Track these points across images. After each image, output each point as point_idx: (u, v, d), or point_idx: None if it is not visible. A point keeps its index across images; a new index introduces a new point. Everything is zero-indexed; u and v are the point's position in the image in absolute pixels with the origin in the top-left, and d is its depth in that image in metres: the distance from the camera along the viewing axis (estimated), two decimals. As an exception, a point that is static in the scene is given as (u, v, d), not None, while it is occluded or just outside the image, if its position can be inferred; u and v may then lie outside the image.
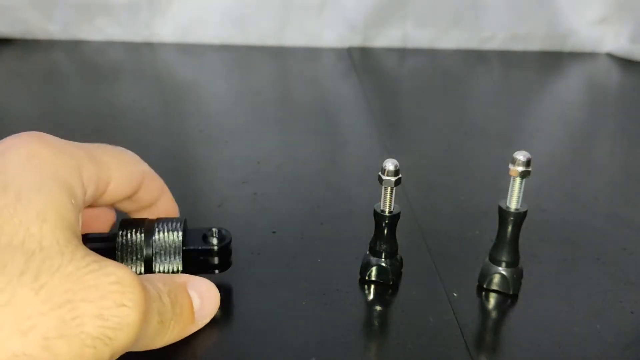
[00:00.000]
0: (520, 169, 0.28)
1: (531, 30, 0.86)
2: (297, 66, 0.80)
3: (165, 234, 0.28)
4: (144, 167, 0.29)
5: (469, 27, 0.85)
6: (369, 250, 0.31)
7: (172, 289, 0.23)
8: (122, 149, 0.28)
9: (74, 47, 0.81)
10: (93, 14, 0.82)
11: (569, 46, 0.87)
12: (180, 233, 0.28)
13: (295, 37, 0.84)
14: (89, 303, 0.19)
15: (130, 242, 0.27)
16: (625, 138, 0.57)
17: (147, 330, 0.21)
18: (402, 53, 0.85)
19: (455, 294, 0.30)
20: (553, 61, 0.85)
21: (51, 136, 0.23)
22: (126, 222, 0.28)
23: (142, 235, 0.27)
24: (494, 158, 0.49)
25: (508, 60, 0.84)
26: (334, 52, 0.83)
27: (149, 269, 0.27)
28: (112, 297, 0.19)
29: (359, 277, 0.32)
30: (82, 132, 0.52)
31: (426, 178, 0.45)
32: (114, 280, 0.20)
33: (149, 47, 0.82)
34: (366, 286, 0.31)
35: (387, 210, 0.30)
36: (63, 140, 0.24)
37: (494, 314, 0.30)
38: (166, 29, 0.83)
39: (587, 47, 0.87)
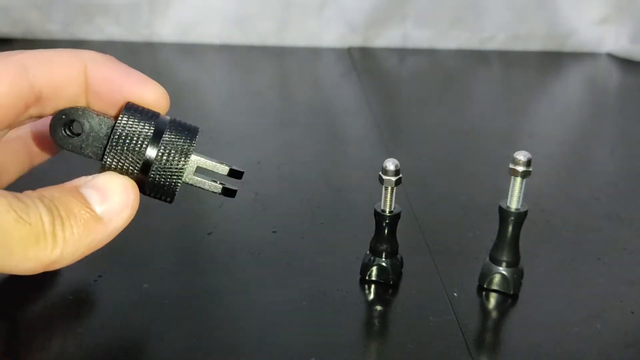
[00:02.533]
0: (521, 168, 0.28)
1: (531, 30, 0.86)
2: (298, 66, 0.80)
3: (179, 124, 0.24)
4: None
5: (469, 27, 0.85)
6: (369, 250, 0.31)
7: (46, 193, 0.21)
8: None
9: (74, 46, 0.81)
10: (93, 13, 0.82)
11: (569, 46, 0.87)
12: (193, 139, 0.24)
13: (295, 37, 0.84)
14: None
15: (131, 133, 0.23)
16: (625, 138, 0.57)
17: (3, 230, 0.18)
18: (402, 53, 0.85)
19: (455, 294, 0.30)
20: (553, 61, 0.85)
21: None
22: (133, 107, 0.23)
23: (151, 128, 0.23)
24: (494, 158, 0.49)
25: (508, 60, 0.84)
26: (334, 52, 0.83)
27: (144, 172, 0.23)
28: None
29: (359, 277, 0.32)
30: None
31: (426, 178, 0.45)
32: None
33: (149, 47, 0.82)
34: (366, 286, 0.31)
35: (387, 210, 0.30)
36: None
37: (494, 314, 0.30)
38: (166, 29, 0.83)
39: (587, 47, 0.87)
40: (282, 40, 0.85)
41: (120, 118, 0.23)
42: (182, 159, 0.24)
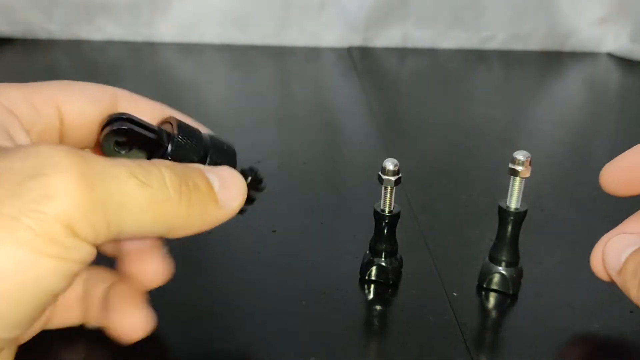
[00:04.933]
0: (520, 168, 0.28)
1: (531, 30, 0.86)
2: (298, 66, 0.80)
3: (219, 145, 0.25)
4: (112, 88, 0.26)
5: (469, 27, 0.85)
6: (369, 250, 0.31)
7: (178, 166, 0.21)
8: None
9: (74, 46, 0.81)
10: (94, 13, 0.82)
11: (569, 46, 0.87)
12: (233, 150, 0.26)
13: (295, 37, 0.84)
14: None
15: (186, 144, 0.24)
16: (626, 138, 0.57)
17: (127, 197, 0.19)
18: (403, 53, 0.85)
19: (455, 294, 0.30)
20: (553, 61, 0.85)
21: None
22: (180, 122, 0.24)
23: (195, 140, 0.24)
24: (494, 158, 0.49)
25: (508, 60, 0.84)
26: (334, 52, 0.83)
27: None
28: (25, 172, 0.17)
29: (359, 276, 0.32)
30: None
31: (426, 178, 0.45)
32: (25, 156, 0.17)
33: (150, 47, 0.82)
34: (366, 286, 0.31)
35: (387, 209, 0.30)
36: None
37: (493, 314, 0.30)
38: (167, 29, 0.83)
39: (588, 47, 0.87)
40: (282, 40, 0.85)
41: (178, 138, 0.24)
42: None
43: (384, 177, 0.29)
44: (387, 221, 0.30)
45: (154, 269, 0.25)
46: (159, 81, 0.71)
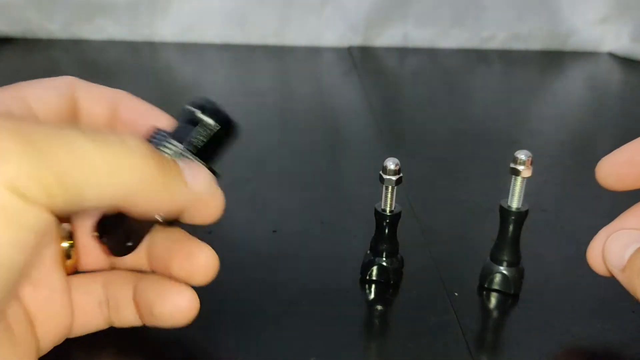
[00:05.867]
0: (522, 168, 0.28)
1: (532, 29, 0.86)
2: (298, 66, 0.80)
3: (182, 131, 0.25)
4: (66, 77, 0.26)
5: (469, 26, 0.85)
6: (370, 250, 0.31)
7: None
8: None
9: (74, 46, 0.81)
10: (94, 13, 0.82)
11: (570, 46, 0.87)
12: (174, 144, 0.25)
13: (296, 36, 0.84)
14: None
15: None
16: (627, 137, 0.57)
17: (80, 156, 0.18)
18: (403, 52, 0.85)
19: (456, 294, 0.30)
20: (554, 61, 0.85)
21: None
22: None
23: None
24: (495, 158, 0.49)
25: (509, 59, 0.84)
26: (334, 52, 0.83)
27: None
28: None
29: (359, 276, 0.31)
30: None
31: (427, 177, 0.45)
32: None
33: (150, 46, 0.82)
34: (366, 286, 0.31)
35: (387, 209, 0.30)
36: None
37: (495, 314, 0.30)
38: (167, 28, 0.83)
39: (588, 46, 0.87)
40: (282, 40, 0.85)
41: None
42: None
43: (384, 176, 0.29)
44: (387, 221, 0.30)
45: (204, 262, 0.25)
46: (159, 81, 0.71)
